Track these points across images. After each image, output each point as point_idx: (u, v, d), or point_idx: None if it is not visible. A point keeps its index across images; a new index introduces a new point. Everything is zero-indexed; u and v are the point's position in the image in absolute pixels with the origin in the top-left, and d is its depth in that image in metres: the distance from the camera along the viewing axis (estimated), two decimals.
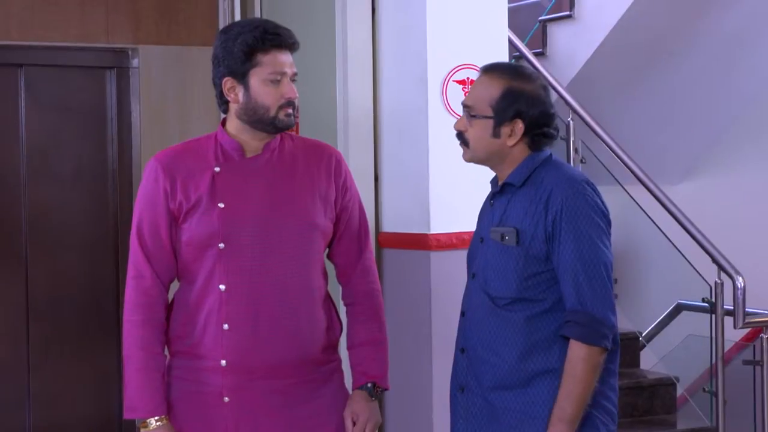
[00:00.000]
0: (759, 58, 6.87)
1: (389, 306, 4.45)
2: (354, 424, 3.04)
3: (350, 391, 3.13)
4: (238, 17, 5.24)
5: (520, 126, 2.88)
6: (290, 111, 2.94)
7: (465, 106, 2.94)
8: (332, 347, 3.08)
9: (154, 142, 5.50)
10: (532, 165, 2.90)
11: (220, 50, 2.95)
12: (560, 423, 2.77)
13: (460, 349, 2.98)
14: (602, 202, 2.88)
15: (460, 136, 2.95)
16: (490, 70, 2.96)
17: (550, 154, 2.96)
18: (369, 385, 3.06)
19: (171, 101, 5.56)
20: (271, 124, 2.94)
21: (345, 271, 3.13)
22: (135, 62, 5.55)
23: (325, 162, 3.06)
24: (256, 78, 2.91)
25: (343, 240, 3.10)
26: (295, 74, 2.97)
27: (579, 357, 2.77)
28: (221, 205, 2.92)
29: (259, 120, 2.94)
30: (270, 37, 2.91)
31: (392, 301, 4.47)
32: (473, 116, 2.90)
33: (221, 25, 5.46)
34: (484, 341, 2.89)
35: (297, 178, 3.00)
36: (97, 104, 5.58)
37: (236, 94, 2.94)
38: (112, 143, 5.58)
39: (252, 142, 2.98)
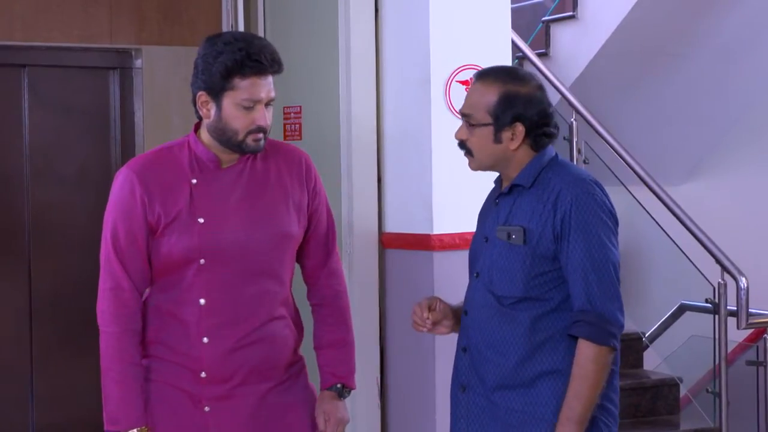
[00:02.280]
0: (761, 60, 6.87)
1: (392, 306, 4.46)
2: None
3: (316, 387, 3.17)
4: (241, 18, 5.23)
5: (520, 129, 2.88)
6: (259, 136, 2.91)
7: (463, 114, 2.93)
8: (298, 347, 3.12)
9: (156, 143, 5.46)
10: (539, 166, 2.90)
11: (201, 62, 2.90)
12: (569, 423, 2.77)
13: (462, 348, 2.98)
14: (610, 202, 2.88)
15: (463, 145, 2.95)
16: (484, 75, 2.95)
17: (556, 155, 2.95)
18: (339, 385, 3.11)
19: (174, 102, 5.55)
20: (237, 147, 2.92)
21: (313, 273, 3.14)
22: (138, 63, 5.55)
23: (296, 168, 3.05)
24: (229, 100, 2.87)
25: (311, 242, 3.10)
26: (272, 99, 2.92)
27: (588, 357, 2.77)
28: (201, 221, 2.91)
29: (226, 141, 2.91)
30: (251, 64, 2.85)
31: (395, 302, 4.47)
32: (473, 125, 2.90)
33: (224, 26, 5.46)
34: (488, 340, 2.89)
35: (272, 187, 3.00)
36: (101, 105, 5.58)
37: (208, 110, 2.91)
38: (115, 144, 5.59)
39: (224, 155, 2.97)
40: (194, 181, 2.94)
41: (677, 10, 6.31)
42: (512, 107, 2.85)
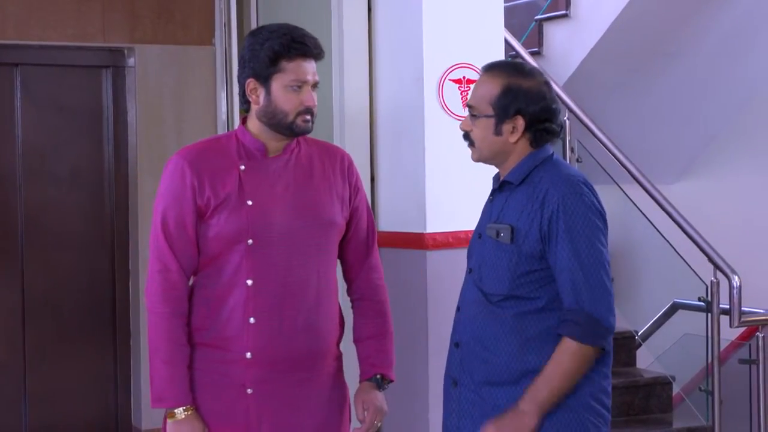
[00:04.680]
0: (754, 58, 6.88)
1: None
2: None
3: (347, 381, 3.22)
4: (234, 17, 5.24)
5: (520, 122, 2.90)
6: (308, 117, 3.03)
7: (468, 106, 2.97)
8: (340, 340, 3.19)
9: (150, 142, 5.51)
10: (531, 163, 2.92)
11: (248, 52, 3.03)
12: (531, 403, 2.78)
13: (455, 344, 3.00)
14: (599, 202, 2.88)
15: (467, 136, 2.98)
16: (490, 69, 2.98)
17: (552, 153, 2.96)
18: (378, 376, 3.18)
19: (167, 100, 5.56)
20: (288, 128, 3.03)
21: (353, 268, 3.23)
22: (131, 61, 5.55)
23: (338, 163, 3.17)
24: (278, 83, 3.00)
25: (353, 240, 3.19)
26: (316, 83, 3.06)
27: (566, 350, 2.78)
28: (250, 203, 3.00)
29: (277, 124, 3.02)
30: (296, 45, 2.99)
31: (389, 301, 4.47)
32: (475, 116, 2.93)
33: (217, 25, 5.47)
34: (477, 336, 2.90)
35: (316, 178, 3.10)
36: (94, 103, 5.59)
37: (258, 96, 3.02)
38: (108, 142, 5.59)
39: (272, 142, 3.07)
40: (242, 167, 3.03)
41: (670, 10, 6.32)
42: (514, 101, 2.88)
